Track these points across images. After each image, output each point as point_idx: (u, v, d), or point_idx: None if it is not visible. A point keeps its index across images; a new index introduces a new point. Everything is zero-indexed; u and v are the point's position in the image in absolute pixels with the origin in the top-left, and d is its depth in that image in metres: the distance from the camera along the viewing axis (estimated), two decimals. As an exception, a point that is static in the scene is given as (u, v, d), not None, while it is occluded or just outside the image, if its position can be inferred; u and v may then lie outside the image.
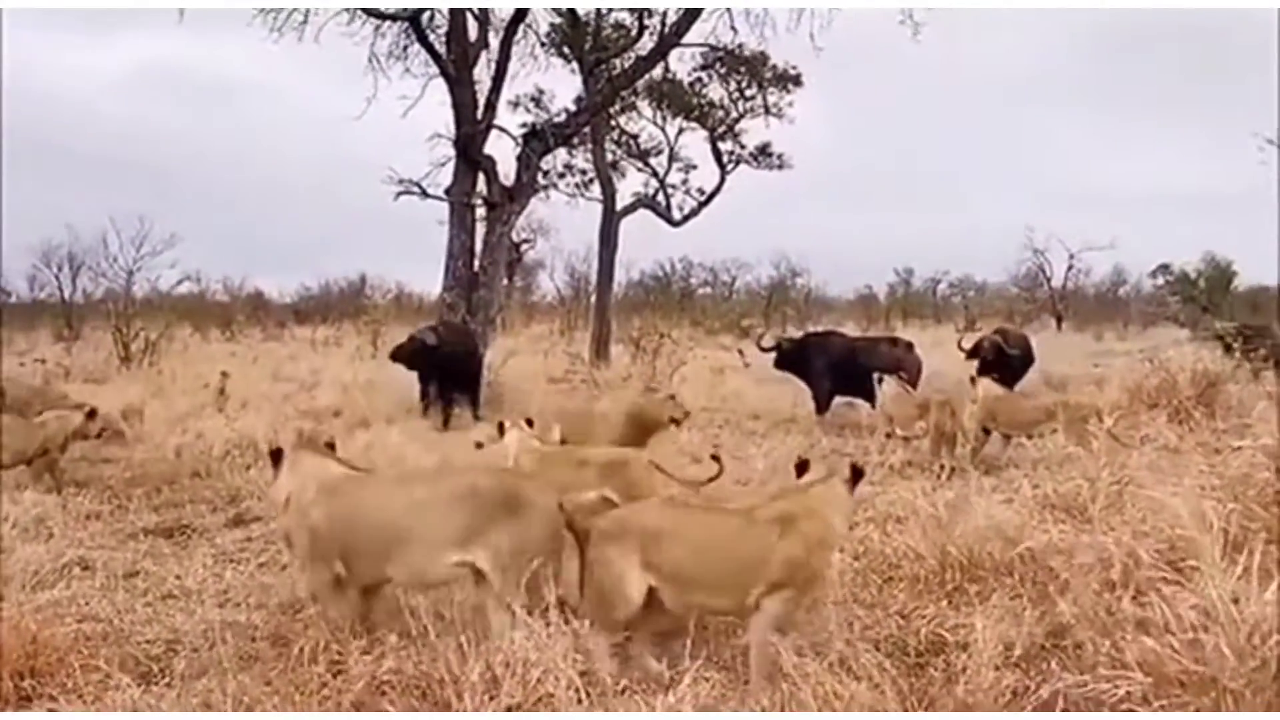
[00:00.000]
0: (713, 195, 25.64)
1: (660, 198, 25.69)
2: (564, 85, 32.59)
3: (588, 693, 3.65)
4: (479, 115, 15.39)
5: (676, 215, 25.69)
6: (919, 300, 50.67)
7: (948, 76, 67.67)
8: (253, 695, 3.82)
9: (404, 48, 16.40)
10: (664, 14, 16.64)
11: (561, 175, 25.54)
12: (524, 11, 16.29)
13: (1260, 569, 3.80)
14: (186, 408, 12.76)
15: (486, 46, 15.96)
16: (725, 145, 25.42)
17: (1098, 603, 4.27)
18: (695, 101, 24.64)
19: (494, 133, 15.93)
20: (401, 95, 16.34)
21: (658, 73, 21.75)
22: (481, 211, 15.58)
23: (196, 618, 5.26)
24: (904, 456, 9.42)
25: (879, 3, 17.78)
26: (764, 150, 25.52)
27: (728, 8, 17.43)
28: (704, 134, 25.39)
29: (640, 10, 17.63)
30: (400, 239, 44.86)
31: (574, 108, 18.73)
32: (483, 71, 15.89)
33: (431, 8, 15.58)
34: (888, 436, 10.21)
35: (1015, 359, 14.54)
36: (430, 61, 15.61)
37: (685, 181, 26.22)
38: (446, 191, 15.49)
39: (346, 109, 16.73)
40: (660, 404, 8.98)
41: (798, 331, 25.70)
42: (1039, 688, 3.65)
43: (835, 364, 13.67)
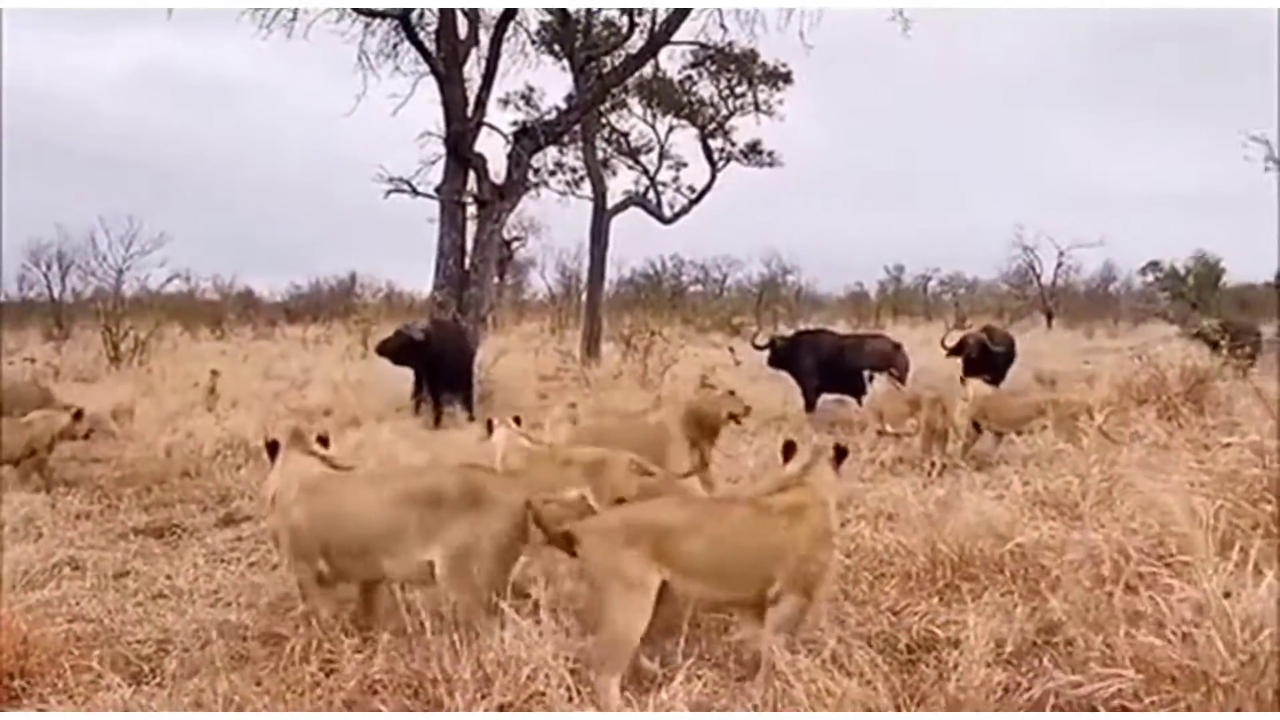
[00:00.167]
0: (703, 193, 25.68)
1: (651, 195, 25.70)
2: (554, 83, 32.57)
3: (579, 691, 3.65)
4: (469, 113, 15.35)
5: (667, 213, 25.71)
6: (909, 298, 50.74)
7: (938, 74, 67.81)
8: (244, 695, 3.81)
9: (394, 45, 16.38)
10: (654, 12, 16.64)
11: (552, 173, 25.57)
12: (514, 9, 16.27)
13: (1251, 564, 3.82)
14: (176, 407, 12.70)
15: (477, 44, 15.94)
16: (716, 143, 25.47)
17: (1089, 599, 4.28)
18: (685, 99, 24.66)
19: (484, 130, 15.93)
20: (392, 93, 16.33)
21: (648, 70, 21.76)
22: (472, 210, 15.54)
23: (187, 617, 5.25)
24: (895, 453, 9.44)
25: (868, 1, 17.79)
26: (754, 148, 25.56)
27: (718, 7, 17.49)
28: (694, 132, 25.43)
29: (630, 9, 17.64)
30: (391, 237, 44.83)
31: (564, 105, 18.72)
32: (473, 69, 15.89)
33: (421, 6, 15.56)
34: (879, 434, 10.22)
35: (999, 356, 14.53)
36: (420, 59, 15.58)
37: (676, 179, 26.30)
38: (437, 189, 15.45)
39: (337, 107, 16.67)
40: (718, 401, 8.45)
41: (789, 329, 25.78)
42: (1031, 685, 3.65)
43: (824, 361, 13.74)
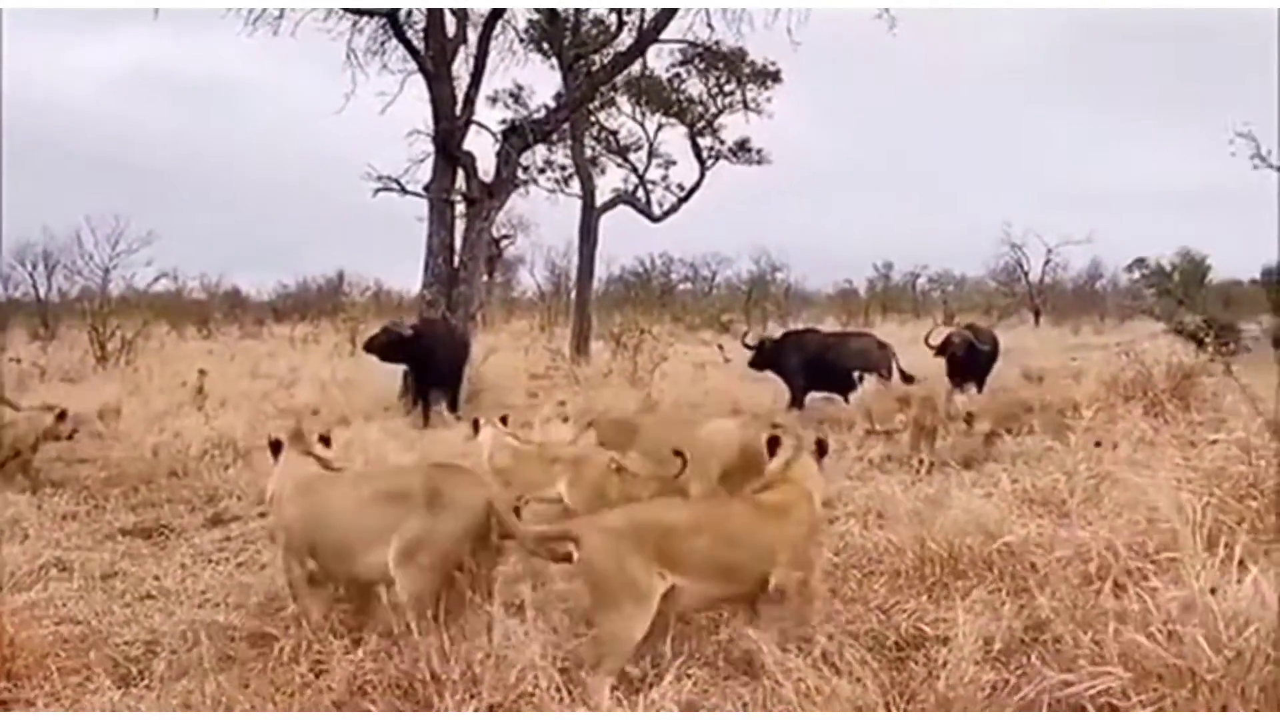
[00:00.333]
0: (692, 191, 25.69)
1: (640, 193, 25.70)
2: (543, 81, 32.59)
3: (569, 690, 3.65)
4: (458, 111, 15.31)
5: (656, 211, 25.70)
6: (898, 295, 50.88)
7: (926, 71, 67.84)
8: (232, 696, 3.79)
9: (381, 43, 16.31)
10: (642, 10, 16.64)
11: (541, 171, 25.51)
12: (502, 8, 16.25)
13: (1237, 561, 3.84)
14: (164, 406, 12.63)
15: (465, 42, 15.87)
16: (704, 141, 25.46)
17: (1077, 596, 4.30)
18: (674, 97, 24.65)
19: (473, 129, 15.87)
20: (380, 91, 16.24)
21: (636, 69, 21.75)
22: (461, 208, 15.50)
23: (175, 618, 5.23)
24: (883, 451, 9.46)
25: (854, 1, 17.84)
26: (743, 145, 25.57)
27: (705, 7, 17.50)
28: (683, 130, 25.43)
29: (619, 8, 17.64)
30: (379, 236, 44.64)
31: (553, 104, 18.65)
32: (461, 67, 15.81)
33: (409, 6, 15.51)
34: (867, 432, 10.24)
35: (985, 355, 14.42)
36: (408, 57, 15.53)
37: (665, 177, 26.27)
38: (425, 188, 15.39)
39: (325, 105, 16.67)
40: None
41: (779, 327, 25.84)
42: (1019, 683, 3.66)
43: (810, 360, 13.78)
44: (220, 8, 14.96)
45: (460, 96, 15.45)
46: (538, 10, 19.91)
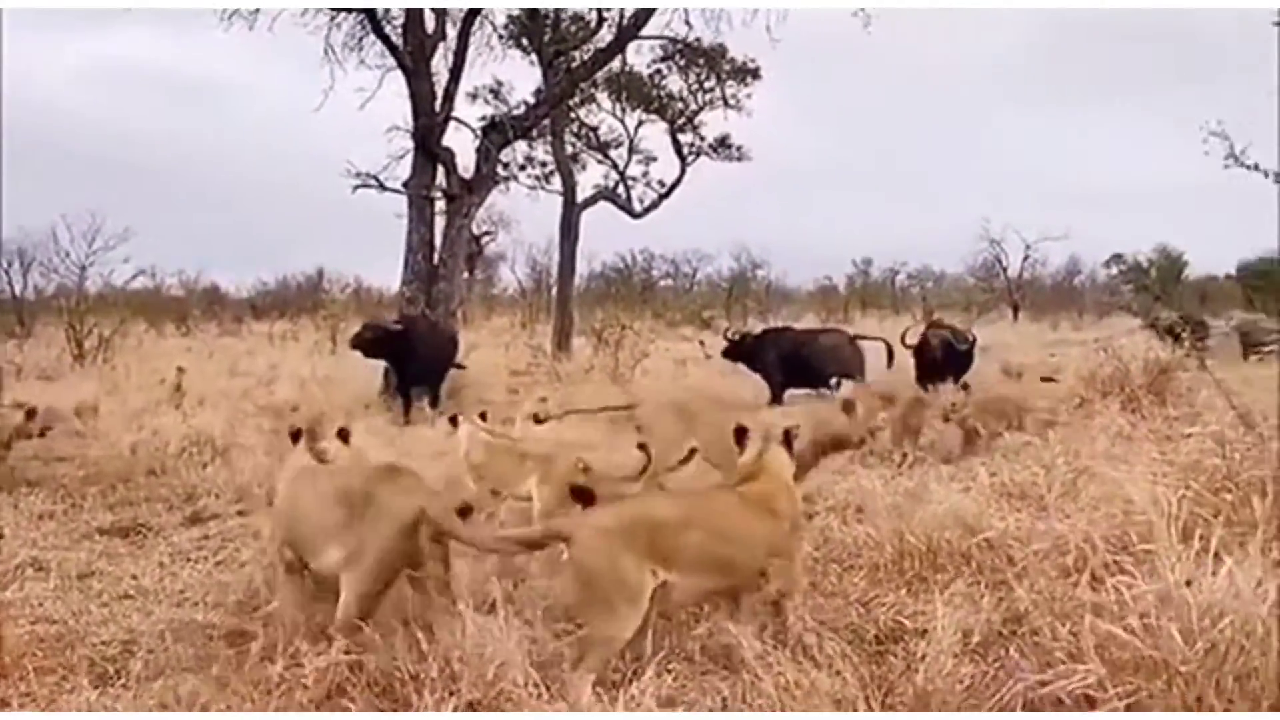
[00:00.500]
0: (673, 187, 25.68)
1: (621, 190, 25.69)
2: (523, 77, 32.52)
3: (547, 687, 3.64)
4: (437, 107, 15.26)
5: (637, 207, 25.69)
6: (878, 291, 51.07)
7: (906, 69, 68.09)
8: (208, 695, 3.77)
9: (359, 39, 16.24)
10: (622, 8, 16.64)
11: (522, 167, 25.46)
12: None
13: (1212, 553, 3.88)
14: (142, 404, 12.53)
15: (444, 38, 15.83)
16: (685, 137, 25.47)
17: (1054, 588, 4.33)
18: (655, 94, 24.64)
19: (452, 125, 15.84)
20: (358, 87, 16.20)
21: (617, 65, 21.73)
22: (441, 204, 15.46)
23: (153, 618, 5.19)
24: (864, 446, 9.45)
25: (830, 1, 17.97)
26: (723, 142, 25.60)
27: (684, 6, 17.57)
28: (664, 126, 25.42)
29: (599, 7, 17.62)
30: (359, 233, 44.44)
31: (533, 100, 18.64)
32: (440, 63, 15.79)
33: (387, 6, 15.42)
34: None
35: (964, 355, 14.29)
36: (387, 53, 15.46)
37: (645, 174, 26.26)
38: (405, 184, 15.34)
39: (303, 102, 16.58)
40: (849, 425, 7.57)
41: (760, 323, 25.90)
42: (998, 678, 3.68)
43: (784, 356, 13.88)
44: (198, 7, 14.90)
45: (440, 92, 15.40)
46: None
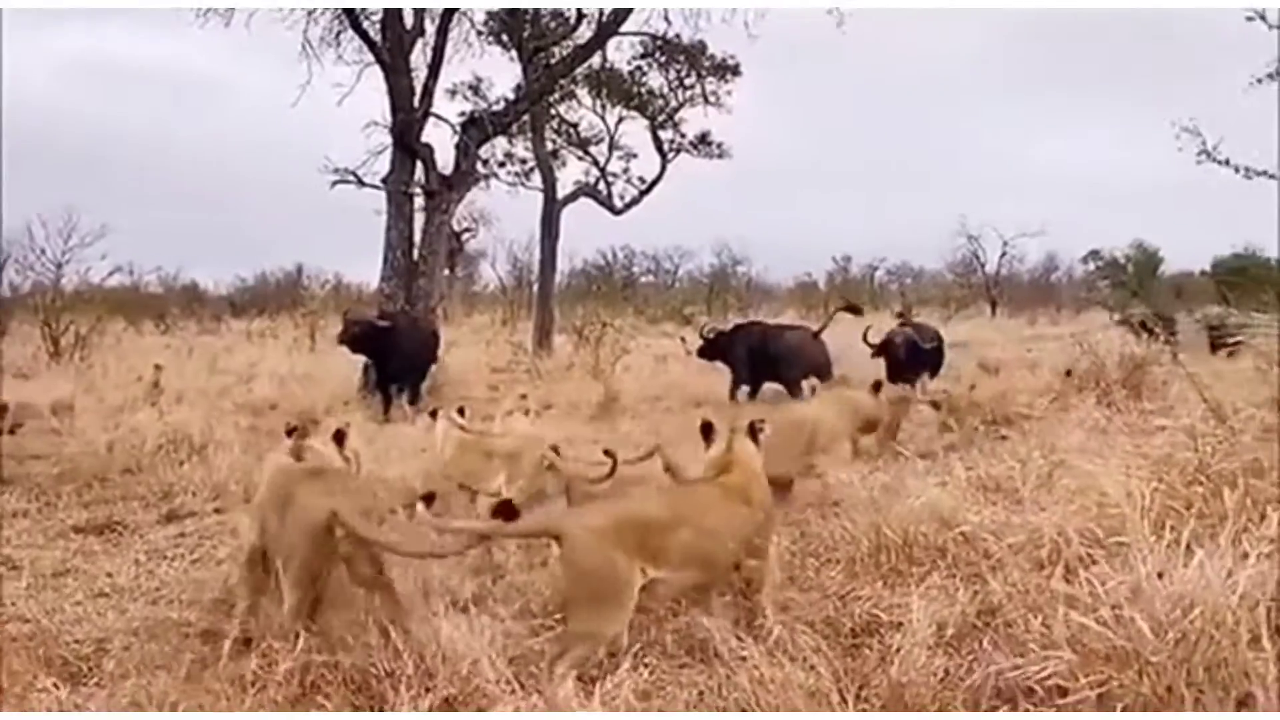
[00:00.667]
0: (654, 183, 25.70)
1: (601, 186, 25.68)
2: (503, 73, 32.43)
3: (521, 683, 3.64)
4: (416, 103, 15.20)
5: (618, 204, 25.69)
6: (857, 287, 51.21)
7: (885, 67, 68.20)
8: (182, 693, 3.75)
9: (337, 35, 16.16)
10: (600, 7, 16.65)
11: (502, 164, 25.45)
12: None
13: (1183, 545, 3.91)
14: (118, 402, 12.46)
15: (422, 34, 15.76)
16: (665, 134, 25.49)
17: (1028, 581, 4.35)
18: (635, 90, 24.63)
19: (432, 121, 15.79)
20: (336, 83, 16.13)
21: (597, 61, 21.72)
22: (420, 201, 15.41)
23: (128, 616, 5.17)
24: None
25: (805, 1, 18.09)
26: (704, 139, 25.65)
27: (664, 7, 17.62)
28: (644, 123, 25.42)
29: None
30: (338, 229, 44.21)
31: (513, 96, 18.59)
32: (419, 59, 15.72)
33: (364, 5, 15.33)
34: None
35: (928, 354, 14.05)
36: (364, 49, 15.39)
37: (626, 170, 26.29)
38: (383, 180, 15.28)
39: (281, 97, 16.47)
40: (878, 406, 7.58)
41: (740, 319, 25.95)
42: (970, 668, 3.71)
43: (752, 350, 13.97)
44: (175, 6, 14.83)
45: (418, 88, 15.35)
46: (496, 3, 19.83)
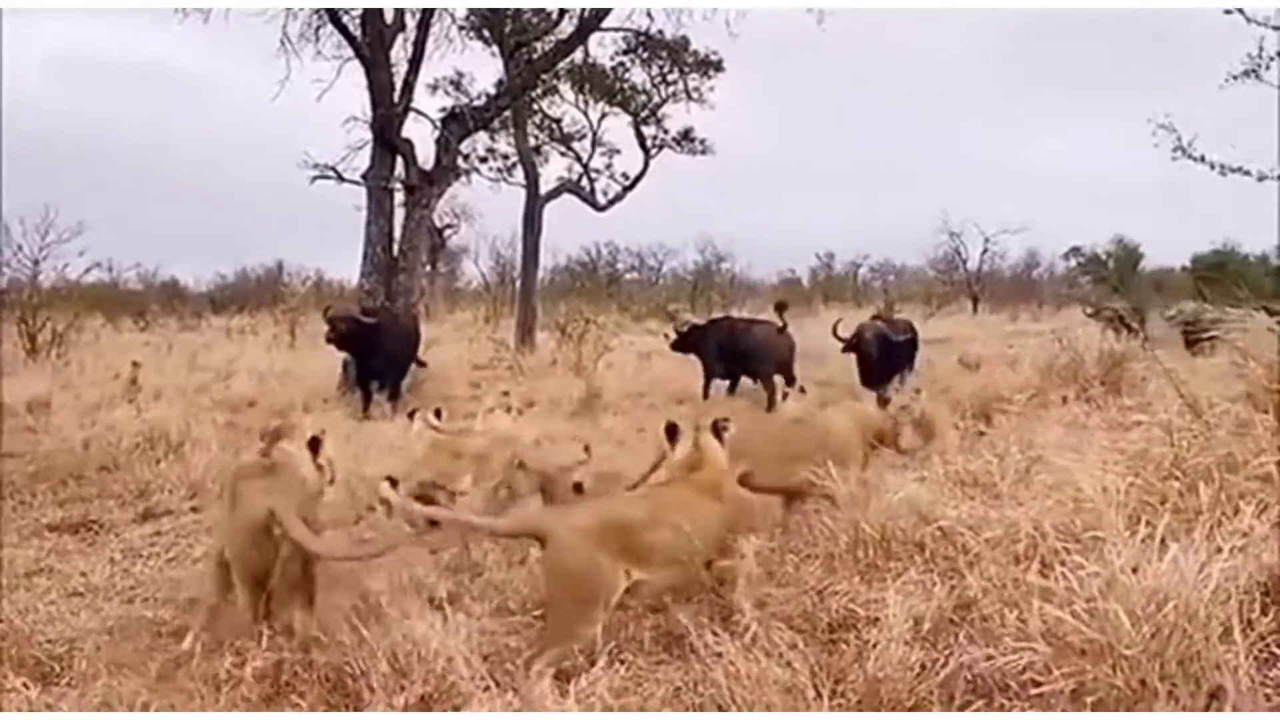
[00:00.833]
0: (637, 180, 25.63)
1: (584, 182, 25.60)
2: (485, 68, 32.32)
3: (496, 680, 3.63)
4: (396, 98, 15.13)
5: (601, 200, 25.62)
6: (840, 284, 51.36)
7: (867, 63, 68.46)
8: (154, 693, 3.72)
9: (316, 30, 16.06)
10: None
11: (484, 160, 25.34)
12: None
13: (1158, 539, 3.93)
14: (96, 399, 12.37)
15: (403, 29, 15.68)
16: (648, 130, 25.42)
17: (1004, 575, 4.37)
18: (617, 86, 24.57)
19: (412, 116, 15.71)
20: (316, 78, 16.03)
21: (579, 57, 21.68)
22: (401, 196, 15.33)
23: (102, 615, 5.13)
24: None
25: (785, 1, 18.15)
26: (687, 135, 25.58)
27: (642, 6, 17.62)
28: (627, 118, 25.35)
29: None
30: (319, 225, 43.95)
31: (494, 91, 18.52)
32: (399, 53, 15.64)
33: (343, 6, 15.24)
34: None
35: (900, 348, 13.71)
36: (344, 44, 15.30)
37: (609, 166, 26.17)
38: (363, 176, 15.20)
39: (260, 92, 16.39)
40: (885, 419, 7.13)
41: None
42: (946, 660, 3.72)
43: (721, 345, 14.05)
44: (154, 7, 14.73)
45: (399, 83, 15.27)
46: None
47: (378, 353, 13.10)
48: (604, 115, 25.59)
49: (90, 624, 4.97)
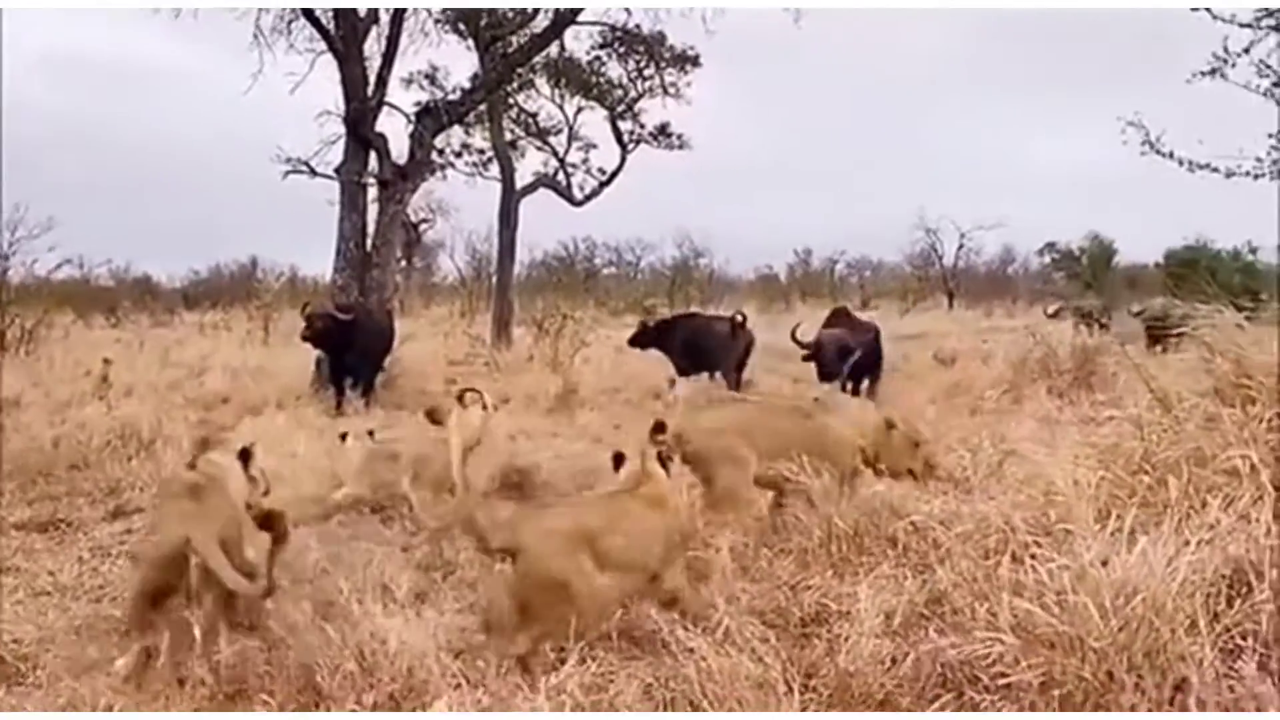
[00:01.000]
0: (614, 175, 25.57)
1: (561, 177, 25.54)
2: (460, 62, 32.18)
3: (467, 678, 3.61)
4: (369, 92, 15.01)
5: (578, 195, 25.55)
6: (817, 280, 51.49)
7: (842, 62, 68.54)
8: (120, 692, 3.68)
9: (289, 23, 15.91)
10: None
11: (459, 154, 25.18)
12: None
13: (1127, 532, 3.97)
14: (66, 397, 12.20)
15: (376, 22, 15.56)
16: (625, 124, 25.35)
17: (976, 569, 4.39)
18: (594, 80, 24.50)
19: (386, 110, 15.59)
20: (289, 72, 15.88)
21: (555, 51, 21.59)
22: (374, 191, 15.22)
23: (70, 615, 5.07)
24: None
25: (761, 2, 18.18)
26: (663, 130, 25.52)
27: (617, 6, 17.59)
28: (603, 113, 25.29)
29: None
30: (293, 220, 43.57)
31: (469, 85, 18.42)
32: (373, 47, 15.51)
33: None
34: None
35: (862, 354, 12.71)
36: (317, 37, 15.15)
37: (586, 161, 26.07)
38: (336, 170, 15.08)
39: (233, 86, 16.19)
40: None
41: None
42: (915, 652, 3.74)
43: (684, 340, 14.10)
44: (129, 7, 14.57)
45: (373, 77, 15.16)
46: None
47: (352, 349, 13.00)
48: (580, 110, 25.53)
49: (58, 623, 4.90)
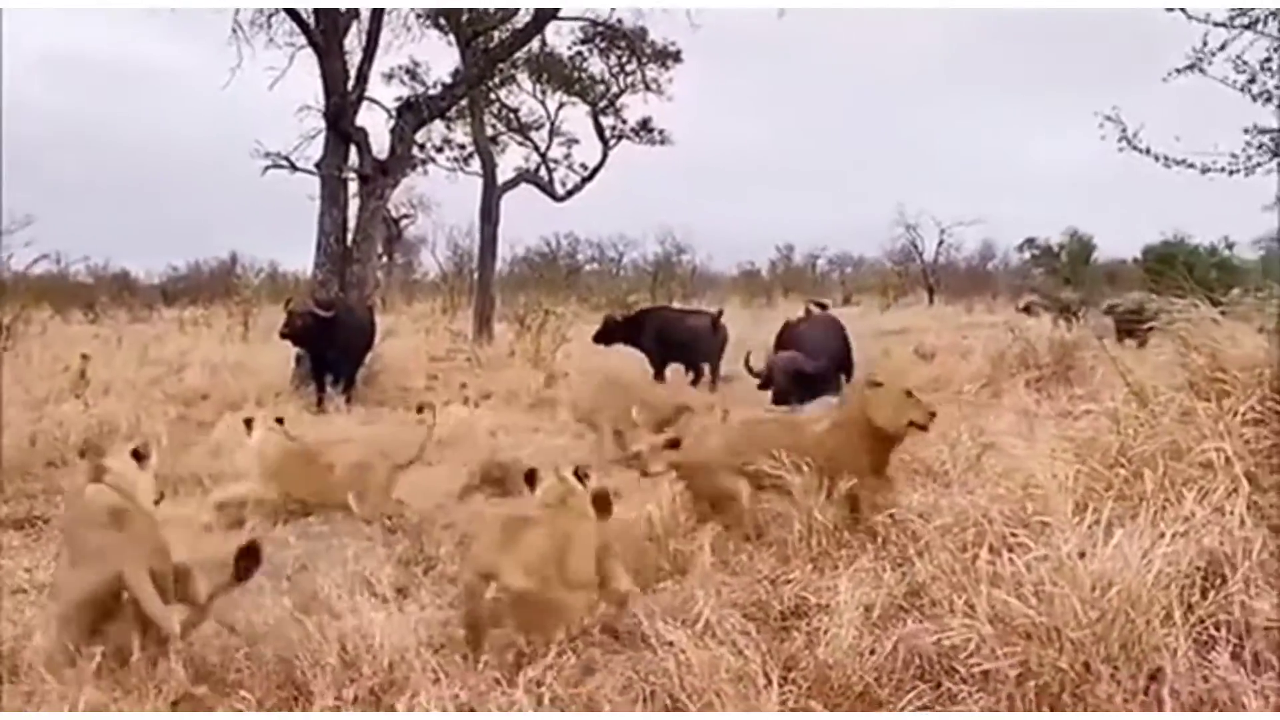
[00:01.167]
0: (595, 170, 25.54)
1: (542, 172, 25.48)
2: (442, 57, 32.07)
3: (445, 672, 3.61)
4: (350, 86, 14.93)
5: (560, 190, 25.51)
6: (799, 276, 51.58)
7: (824, 59, 68.65)
8: (95, 690, 3.65)
9: (268, 17, 15.81)
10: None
11: (440, 149, 25.10)
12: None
13: (1104, 525, 4.00)
14: (43, 393, 12.09)
15: (357, 16, 15.47)
16: (606, 120, 25.33)
17: (954, 561, 4.42)
18: (575, 76, 24.46)
19: (367, 105, 15.52)
20: (268, 66, 15.79)
21: (536, 46, 21.53)
22: (355, 186, 15.14)
23: (47, 612, 5.02)
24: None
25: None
26: (645, 125, 25.52)
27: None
28: (585, 109, 25.26)
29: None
30: (273, 216, 43.30)
31: (450, 80, 18.36)
32: (354, 41, 15.43)
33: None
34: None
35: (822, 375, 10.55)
36: (297, 31, 15.06)
37: (568, 156, 26.04)
38: (316, 165, 15.00)
39: (211, 81, 16.11)
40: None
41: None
42: (895, 646, 3.76)
43: (659, 334, 14.19)
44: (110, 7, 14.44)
45: (353, 72, 15.08)
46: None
47: (333, 346, 12.93)
48: (562, 105, 25.50)
49: (34, 622, 4.86)
